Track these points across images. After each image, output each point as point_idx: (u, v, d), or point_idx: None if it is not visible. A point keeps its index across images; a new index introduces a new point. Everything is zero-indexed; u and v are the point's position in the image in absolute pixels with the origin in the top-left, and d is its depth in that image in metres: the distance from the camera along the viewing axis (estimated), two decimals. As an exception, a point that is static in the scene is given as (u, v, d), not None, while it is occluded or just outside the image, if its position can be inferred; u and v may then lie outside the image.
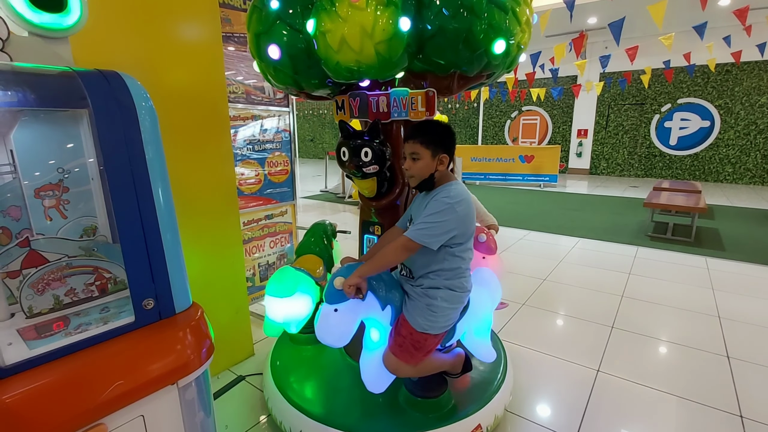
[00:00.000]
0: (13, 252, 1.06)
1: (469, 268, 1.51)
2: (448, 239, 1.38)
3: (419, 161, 1.42)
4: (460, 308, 1.50)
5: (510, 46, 1.46)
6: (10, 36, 1.00)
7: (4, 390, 0.78)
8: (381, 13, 1.30)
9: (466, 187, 1.48)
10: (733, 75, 9.29)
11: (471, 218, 1.43)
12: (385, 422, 1.54)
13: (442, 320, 1.45)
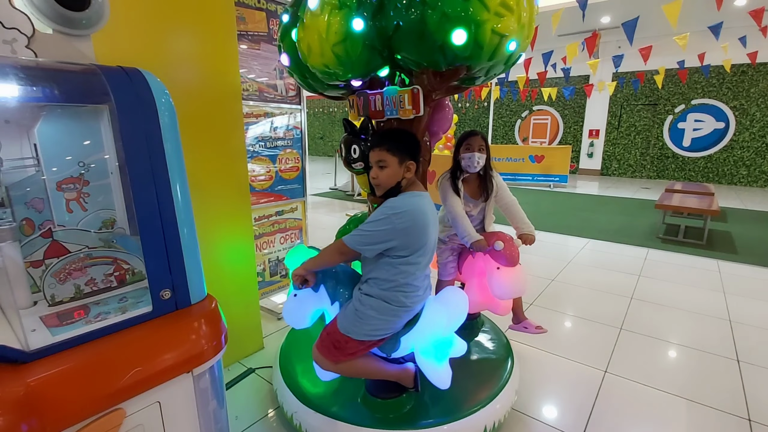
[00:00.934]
0: (36, 242, 1.09)
1: (415, 284, 1.43)
2: (385, 249, 1.37)
3: (386, 169, 1.41)
4: (394, 321, 1.44)
5: (477, 35, 1.29)
6: (35, 33, 1.03)
7: (28, 373, 0.81)
8: (333, 17, 1.38)
9: (426, 200, 1.43)
10: (749, 76, 9.12)
11: (414, 231, 1.36)
12: (391, 417, 1.56)
13: (367, 328, 1.41)
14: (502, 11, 1.27)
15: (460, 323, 1.54)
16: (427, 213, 1.41)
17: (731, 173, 9.70)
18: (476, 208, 2.02)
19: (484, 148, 1.91)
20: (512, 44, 1.35)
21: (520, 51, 1.45)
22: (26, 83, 0.91)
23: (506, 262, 1.84)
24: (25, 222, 1.11)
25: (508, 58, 1.44)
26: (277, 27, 2.60)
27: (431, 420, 1.54)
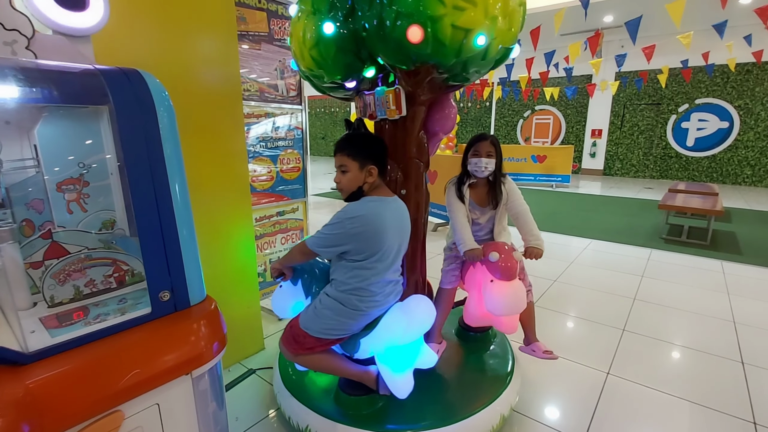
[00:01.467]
0: (36, 243, 1.09)
1: (371, 290, 1.43)
2: (341, 252, 1.40)
3: (347, 173, 1.42)
4: (348, 323, 1.45)
5: (435, 31, 1.24)
6: (35, 34, 1.03)
7: (27, 375, 0.81)
8: (308, 22, 1.43)
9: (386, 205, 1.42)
10: (754, 75, 9.07)
11: (367, 236, 1.36)
12: (391, 419, 1.55)
13: (322, 326, 1.45)
14: (462, 5, 1.22)
15: (420, 333, 1.51)
16: (384, 218, 1.39)
17: (735, 173, 9.64)
18: (484, 216, 1.93)
19: (493, 153, 1.84)
20: (480, 38, 1.27)
21: (502, 45, 1.35)
22: (26, 84, 0.91)
23: (500, 275, 1.70)
24: (25, 223, 1.11)
25: (486, 54, 1.35)
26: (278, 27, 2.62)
27: (431, 422, 1.53)
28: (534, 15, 7.75)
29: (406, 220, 1.52)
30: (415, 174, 1.74)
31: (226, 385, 1.98)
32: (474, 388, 1.74)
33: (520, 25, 1.40)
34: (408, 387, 1.50)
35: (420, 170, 1.75)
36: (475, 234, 1.92)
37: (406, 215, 1.53)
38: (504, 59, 1.47)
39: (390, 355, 1.49)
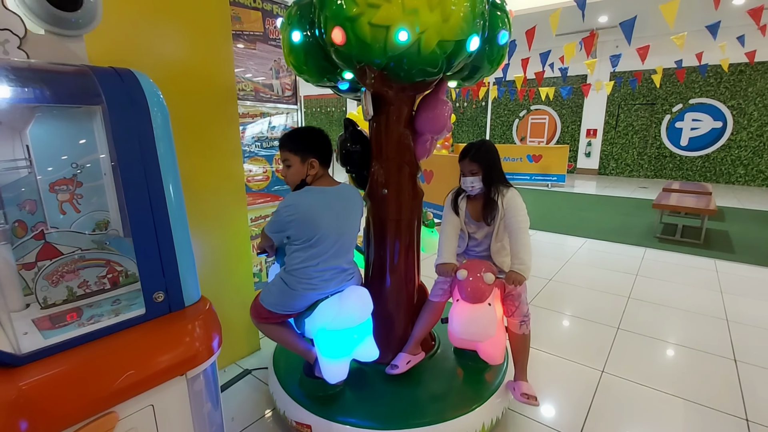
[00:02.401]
0: (28, 244, 1.09)
1: (307, 273, 1.51)
2: (285, 237, 1.53)
3: (291, 168, 1.54)
4: (288, 302, 1.57)
5: (355, 31, 1.24)
6: (27, 34, 1.02)
7: (20, 377, 0.80)
8: (285, 32, 1.54)
9: (322, 196, 1.51)
10: (747, 75, 9.14)
11: (299, 223, 1.46)
12: (387, 416, 1.56)
13: (270, 301, 1.60)
14: (376, 2, 1.20)
15: (350, 322, 1.52)
16: (316, 207, 1.49)
17: (729, 172, 9.72)
18: (480, 231, 1.80)
19: (477, 170, 1.69)
20: (402, 34, 1.23)
21: (442, 38, 1.25)
22: (18, 84, 0.90)
23: (464, 295, 1.61)
24: (17, 224, 1.11)
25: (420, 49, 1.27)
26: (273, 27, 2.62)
27: (426, 419, 1.54)
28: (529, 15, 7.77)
29: (349, 209, 1.59)
30: (395, 174, 1.72)
31: (221, 385, 1.98)
32: (468, 387, 1.74)
33: (471, 15, 1.27)
34: (338, 374, 1.53)
35: (402, 171, 1.72)
36: (473, 250, 1.84)
37: (350, 205, 1.60)
38: (459, 54, 1.34)
39: (326, 340, 1.52)
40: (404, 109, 1.65)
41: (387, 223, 1.78)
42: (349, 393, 1.68)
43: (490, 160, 1.72)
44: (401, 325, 1.87)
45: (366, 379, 1.75)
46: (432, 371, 1.82)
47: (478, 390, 1.71)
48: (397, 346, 1.83)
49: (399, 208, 1.75)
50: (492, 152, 1.74)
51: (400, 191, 1.74)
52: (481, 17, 1.34)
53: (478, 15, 1.30)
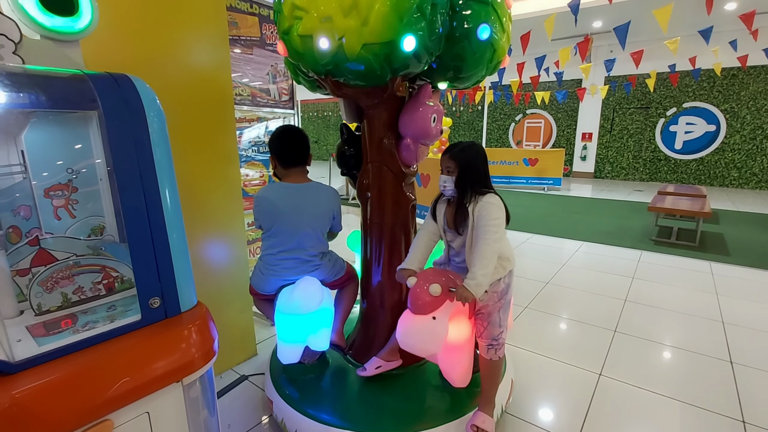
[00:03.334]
0: (23, 250, 1.08)
1: (271, 260, 1.72)
2: (259, 226, 1.75)
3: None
4: (259, 284, 1.76)
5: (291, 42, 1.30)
6: (23, 39, 1.02)
7: (13, 385, 0.79)
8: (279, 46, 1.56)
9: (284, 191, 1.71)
10: (740, 79, 9.24)
11: (261, 215, 1.71)
12: (385, 422, 1.55)
13: (252, 279, 1.81)
14: (298, 13, 1.26)
15: (296, 310, 1.63)
16: (275, 200, 1.69)
17: (723, 175, 9.80)
18: (456, 240, 1.60)
19: (453, 169, 1.52)
20: (322, 42, 1.26)
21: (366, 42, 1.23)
22: (13, 90, 0.90)
23: (409, 305, 1.47)
24: (11, 229, 1.10)
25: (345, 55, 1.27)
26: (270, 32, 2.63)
27: (421, 423, 1.53)
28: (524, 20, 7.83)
29: (310, 205, 1.72)
30: (376, 178, 1.72)
31: (218, 391, 1.96)
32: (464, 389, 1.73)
33: (396, 15, 1.21)
34: (289, 356, 1.69)
35: (383, 175, 1.71)
36: (453, 260, 1.67)
37: (312, 201, 1.73)
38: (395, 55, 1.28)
39: (280, 322, 1.69)
40: (383, 113, 1.65)
41: (371, 226, 1.81)
42: (347, 397, 1.67)
43: (469, 162, 1.51)
44: (383, 327, 1.86)
45: (363, 384, 1.74)
46: (427, 374, 1.82)
47: (472, 393, 1.70)
48: (378, 348, 1.82)
49: (381, 212, 1.76)
50: (474, 155, 1.53)
51: (382, 195, 1.74)
52: (416, 15, 1.23)
53: (407, 14, 1.21)
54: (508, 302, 1.61)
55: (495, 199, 1.48)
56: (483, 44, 1.44)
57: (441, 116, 1.64)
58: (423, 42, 1.29)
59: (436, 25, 1.31)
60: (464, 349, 1.57)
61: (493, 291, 1.55)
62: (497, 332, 1.57)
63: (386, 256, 1.81)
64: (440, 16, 1.32)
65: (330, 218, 1.80)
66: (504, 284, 1.57)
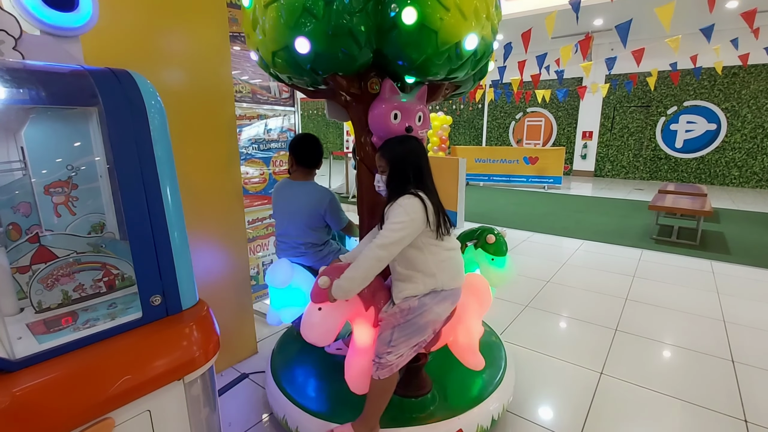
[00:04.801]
0: (23, 247, 1.07)
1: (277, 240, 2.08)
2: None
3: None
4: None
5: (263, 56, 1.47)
6: (23, 34, 1.01)
7: (14, 383, 0.79)
8: None
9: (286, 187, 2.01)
10: (741, 78, 9.22)
11: (272, 201, 2.06)
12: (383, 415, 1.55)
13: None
14: (249, 32, 1.50)
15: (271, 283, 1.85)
16: (276, 191, 2.05)
17: (723, 174, 9.79)
18: None
19: (384, 168, 1.40)
20: (252, 55, 1.57)
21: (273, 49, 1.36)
22: (13, 85, 0.89)
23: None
24: (11, 227, 1.09)
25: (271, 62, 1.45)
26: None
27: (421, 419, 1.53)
28: (525, 18, 7.81)
29: (298, 201, 1.95)
30: (359, 176, 1.68)
31: (218, 389, 1.96)
32: (466, 386, 1.73)
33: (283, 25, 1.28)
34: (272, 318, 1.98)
35: (363, 172, 1.65)
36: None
37: (301, 198, 1.95)
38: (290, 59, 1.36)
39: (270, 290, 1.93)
40: (358, 111, 1.58)
41: (360, 223, 1.81)
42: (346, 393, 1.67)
43: (397, 162, 1.38)
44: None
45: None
46: (429, 370, 1.81)
47: (474, 390, 1.70)
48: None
49: (371, 212, 1.69)
50: (404, 152, 1.39)
51: (369, 194, 1.65)
52: (304, 18, 1.25)
53: (293, 18, 1.26)
54: (419, 329, 1.37)
55: (408, 201, 1.31)
56: (413, 29, 1.26)
57: (408, 113, 1.46)
58: (318, 42, 1.27)
59: (334, 22, 1.24)
60: (362, 354, 1.47)
61: (399, 305, 1.39)
62: (382, 350, 1.37)
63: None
64: (343, 12, 1.23)
65: (319, 216, 1.95)
66: (417, 304, 1.36)
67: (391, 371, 1.37)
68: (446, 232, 1.38)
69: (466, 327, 1.59)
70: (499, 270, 1.82)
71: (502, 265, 1.82)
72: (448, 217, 1.41)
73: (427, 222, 1.32)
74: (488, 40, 1.44)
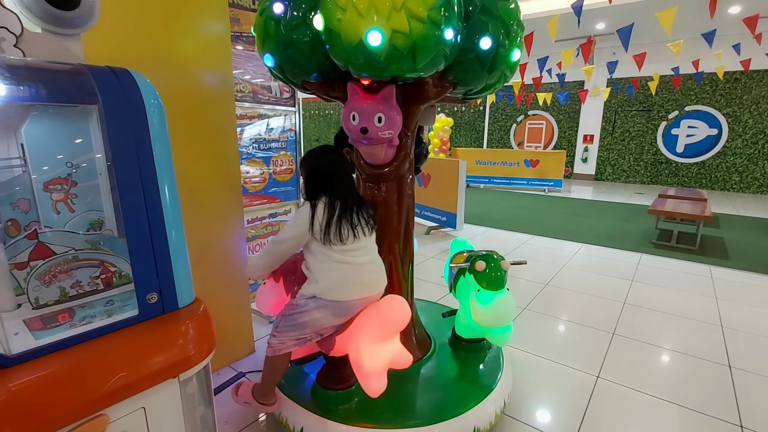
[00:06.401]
0: (21, 244, 1.08)
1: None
2: None
3: None
4: None
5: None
6: (24, 32, 1.02)
7: (10, 378, 0.79)
8: None
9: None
10: (742, 83, 9.23)
11: None
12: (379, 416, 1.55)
13: None
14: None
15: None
16: None
17: (724, 179, 9.79)
18: None
19: (303, 175, 1.53)
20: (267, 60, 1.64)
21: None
22: (14, 83, 0.90)
23: None
24: (10, 223, 1.10)
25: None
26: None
27: (417, 420, 1.53)
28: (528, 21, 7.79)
29: None
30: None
31: (215, 388, 1.96)
32: (462, 389, 1.73)
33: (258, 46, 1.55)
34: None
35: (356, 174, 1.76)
36: None
37: None
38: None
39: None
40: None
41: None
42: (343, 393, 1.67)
43: (309, 172, 1.50)
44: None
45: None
46: (425, 373, 1.82)
47: (471, 393, 1.70)
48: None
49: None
50: (316, 164, 1.51)
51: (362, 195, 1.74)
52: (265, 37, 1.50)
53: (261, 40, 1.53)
54: (297, 326, 1.44)
55: (302, 209, 1.45)
56: (324, 34, 1.32)
57: (365, 114, 1.46)
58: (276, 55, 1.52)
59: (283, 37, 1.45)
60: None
61: (292, 299, 1.52)
62: (271, 332, 1.51)
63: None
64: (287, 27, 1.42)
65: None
66: (301, 302, 1.45)
67: (274, 353, 1.49)
68: (336, 241, 1.40)
69: (356, 347, 1.44)
70: (480, 306, 1.64)
71: (485, 301, 1.63)
72: (351, 228, 1.42)
73: (311, 230, 1.40)
74: (413, 32, 1.23)
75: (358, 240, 1.44)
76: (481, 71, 1.51)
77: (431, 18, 1.22)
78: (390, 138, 1.52)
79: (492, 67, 1.49)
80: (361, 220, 1.45)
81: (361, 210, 1.47)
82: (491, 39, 1.39)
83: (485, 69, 1.50)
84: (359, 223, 1.44)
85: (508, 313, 1.68)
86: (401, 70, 1.34)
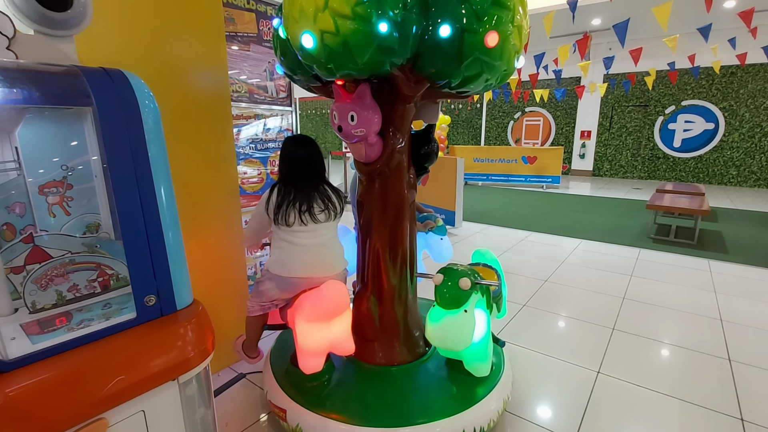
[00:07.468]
0: (17, 248, 1.07)
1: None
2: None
3: None
4: None
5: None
6: (16, 34, 1.01)
7: (7, 383, 0.79)
8: None
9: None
10: (738, 77, 9.23)
11: None
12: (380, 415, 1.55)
13: None
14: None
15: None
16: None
17: (721, 173, 9.81)
18: None
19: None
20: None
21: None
22: (7, 85, 0.89)
23: None
24: (5, 227, 1.09)
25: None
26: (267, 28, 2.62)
27: (418, 419, 1.53)
28: (523, 17, 7.78)
29: None
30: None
31: (215, 390, 1.96)
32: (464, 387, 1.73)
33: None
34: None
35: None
36: None
37: None
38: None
39: None
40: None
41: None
42: (343, 392, 1.67)
43: (279, 159, 1.70)
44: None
45: (359, 378, 1.74)
46: (426, 372, 1.82)
47: (471, 392, 1.69)
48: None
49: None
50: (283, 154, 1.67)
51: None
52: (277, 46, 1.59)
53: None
54: (258, 293, 1.71)
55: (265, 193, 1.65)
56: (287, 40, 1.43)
57: (340, 113, 1.52)
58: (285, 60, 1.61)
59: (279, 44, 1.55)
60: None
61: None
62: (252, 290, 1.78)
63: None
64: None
65: None
66: (264, 272, 1.71)
67: (249, 314, 1.76)
68: (282, 223, 1.58)
69: (292, 322, 1.60)
70: (429, 322, 1.59)
71: (434, 318, 1.56)
72: (299, 214, 1.58)
73: (266, 210, 1.60)
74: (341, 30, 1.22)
75: (305, 225, 1.59)
76: (451, 61, 1.38)
77: (357, 14, 1.19)
78: (363, 135, 1.53)
79: (461, 55, 1.36)
80: (314, 206, 1.60)
81: (319, 198, 1.62)
82: (450, 25, 1.28)
83: (454, 58, 1.37)
84: (308, 210, 1.58)
85: (457, 338, 1.56)
86: (348, 68, 1.34)
